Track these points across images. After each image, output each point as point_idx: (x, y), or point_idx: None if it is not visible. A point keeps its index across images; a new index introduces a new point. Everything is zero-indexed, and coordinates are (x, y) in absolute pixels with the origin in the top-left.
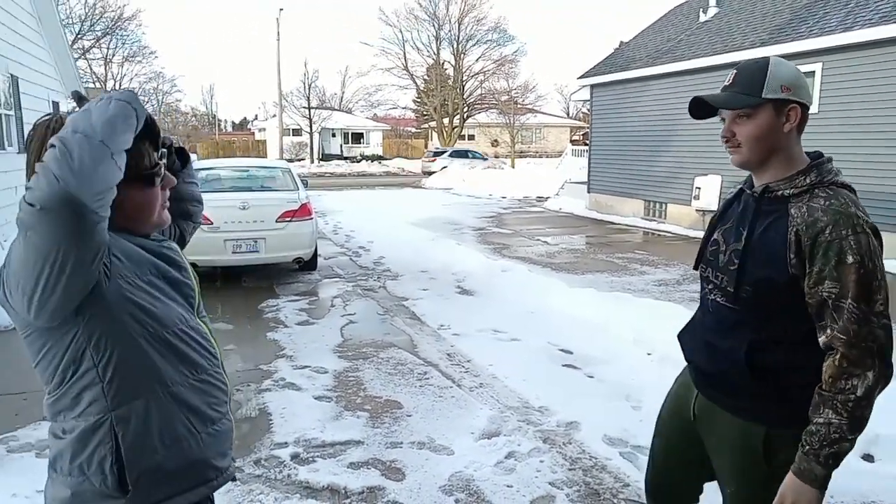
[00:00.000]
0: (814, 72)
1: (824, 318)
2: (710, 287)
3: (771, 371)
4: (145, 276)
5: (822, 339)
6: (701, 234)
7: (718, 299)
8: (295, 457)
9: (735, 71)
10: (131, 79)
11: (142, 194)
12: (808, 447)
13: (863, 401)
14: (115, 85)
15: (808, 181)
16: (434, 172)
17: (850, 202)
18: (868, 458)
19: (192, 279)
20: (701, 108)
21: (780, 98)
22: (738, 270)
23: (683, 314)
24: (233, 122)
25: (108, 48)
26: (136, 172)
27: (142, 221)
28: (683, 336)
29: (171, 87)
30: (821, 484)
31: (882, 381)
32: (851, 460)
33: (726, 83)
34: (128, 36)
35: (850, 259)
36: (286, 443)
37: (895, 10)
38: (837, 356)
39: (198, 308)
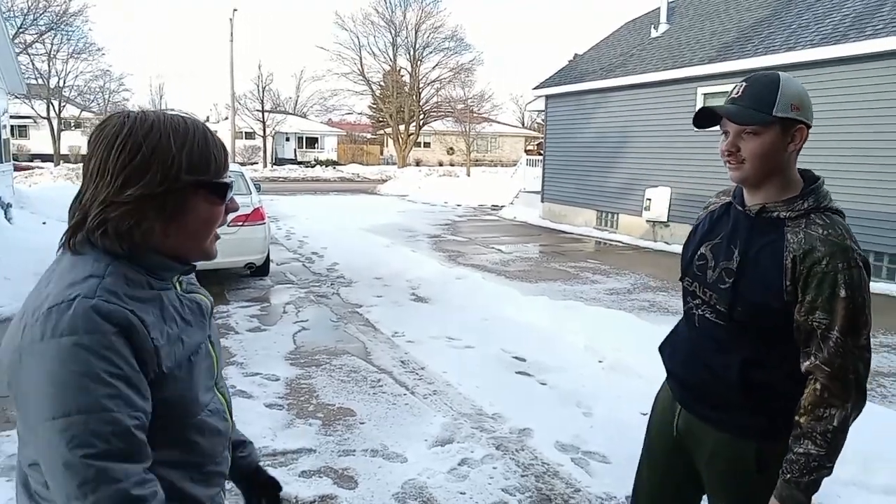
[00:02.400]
0: None
1: (810, 345)
2: (696, 302)
3: (763, 389)
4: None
5: (804, 364)
6: (651, 245)
7: (708, 315)
8: None
9: (745, 83)
10: (76, 76)
11: (208, 207)
12: (789, 475)
13: (840, 431)
14: (59, 82)
15: (805, 206)
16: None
17: (846, 234)
18: None
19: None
20: (704, 117)
21: (790, 117)
22: (731, 291)
23: (634, 323)
24: None
25: (52, 44)
26: (210, 178)
27: (197, 244)
28: (665, 348)
29: (118, 86)
30: None
31: (857, 412)
32: None
33: (735, 95)
34: (73, 32)
35: (842, 293)
36: None
37: (835, 33)
38: (818, 386)
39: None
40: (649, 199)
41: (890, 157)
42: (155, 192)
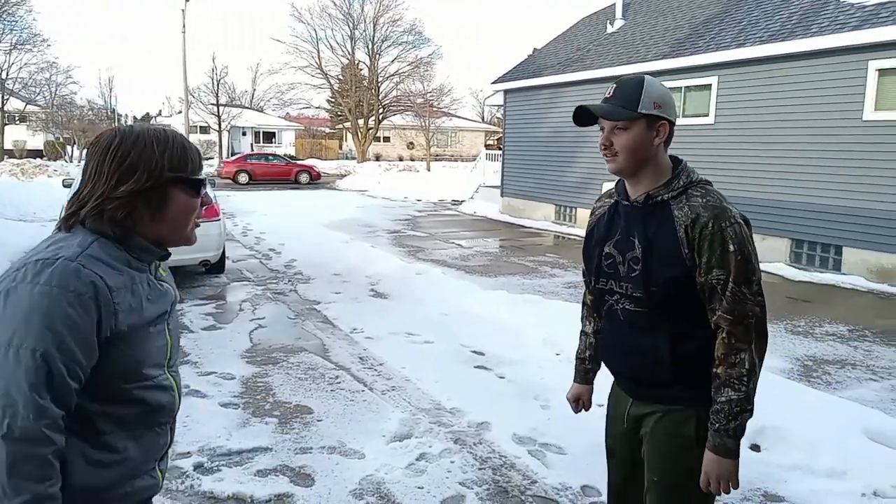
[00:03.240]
0: (710, 84)
1: (713, 301)
2: (615, 298)
3: (692, 359)
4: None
5: (712, 320)
6: None
7: (628, 306)
8: (198, 466)
9: (615, 85)
10: (20, 67)
11: (186, 199)
12: (717, 425)
13: (751, 371)
14: (1, 74)
15: (681, 184)
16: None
17: (721, 198)
18: (755, 447)
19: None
20: (584, 117)
21: (653, 114)
22: (641, 275)
23: None
24: (134, 117)
25: None
26: (187, 175)
27: (178, 230)
28: (604, 353)
29: (65, 79)
30: (735, 454)
31: (761, 351)
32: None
33: (607, 95)
34: (16, 22)
35: (731, 247)
36: (189, 452)
37: (782, 30)
38: (724, 334)
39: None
40: None
41: (835, 151)
42: (143, 188)
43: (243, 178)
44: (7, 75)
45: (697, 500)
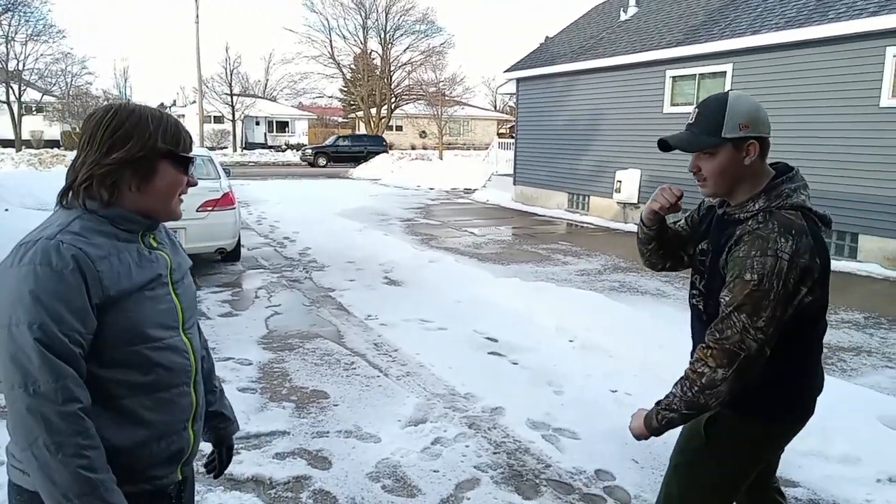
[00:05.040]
0: (725, 72)
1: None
2: (694, 292)
3: None
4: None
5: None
6: (622, 227)
7: (700, 306)
8: None
9: (697, 109)
10: (36, 59)
11: (174, 174)
12: (658, 405)
13: (700, 390)
14: (17, 65)
15: (756, 207)
16: None
17: (780, 228)
18: None
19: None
20: (666, 144)
21: (739, 137)
22: (707, 282)
23: (605, 303)
24: None
25: (9, 25)
26: (178, 151)
27: (163, 203)
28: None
29: (80, 70)
30: (652, 431)
31: (727, 386)
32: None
33: (690, 121)
34: (32, 13)
35: (747, 276)
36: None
37: (798, 16)
38: (704, 346)
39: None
40: (619, 182)
41: (852, 138)
42: (133, 157)
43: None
44: (24, 66)
45: (690, 486)
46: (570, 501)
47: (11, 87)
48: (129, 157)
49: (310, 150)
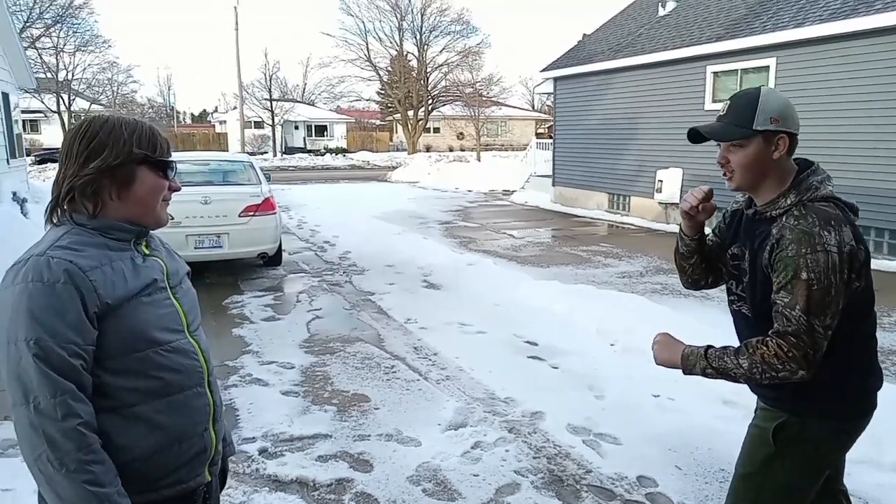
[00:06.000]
0: (768, 66)
1: (776, 322)
2: (732, 298)
3: None
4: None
5: (773, 331)
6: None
7: (744, 311)
8: (263, 451)
9: (729, 101)
10: (84, 69)
11: (153, 178)
12: (707, 357)
13: (774, 380)
14: (67, 75)
15: (788, 202)
16: None
17: (819, 221)
18: None
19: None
20: (696, 135)
21: (770, 129)
22: (748, 286)
23: (646, 305)
24: (192, 114)
25: (58, 37)
26: (155, 156)
27: (147, 209)
28: None
29: (126, 78)
30: (687, 372)
31: (804, 379)
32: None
33: (721, 113)
34: (79, 24)
35: (804, 275)
36: (254, 437)
37: (844, 7)
38: (781, 350)
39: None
40: (661, 181)
41: (892, 132)
42: (111, 165)
43: None
44: (72, 76)
45: (760, 494)
46: None
47: (62, 97)
48: (106, 166)
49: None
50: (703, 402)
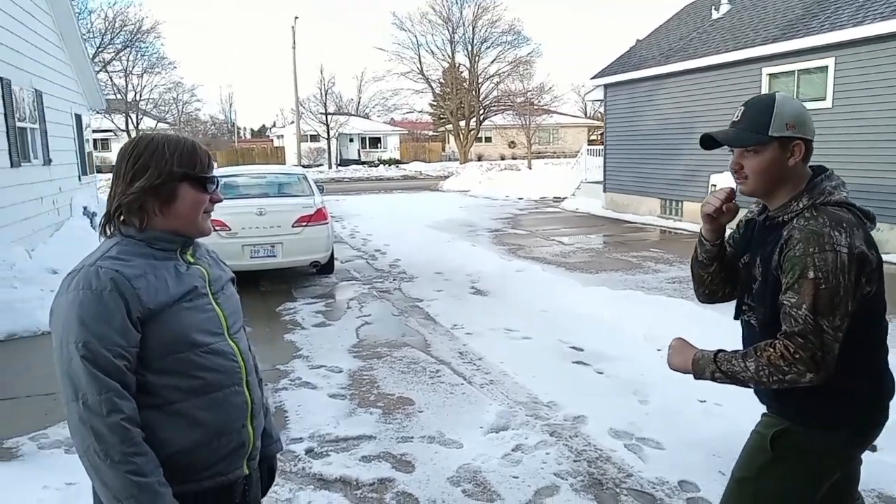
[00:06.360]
0: (826, 66)
1: (783, 323)
2: (744, 308)
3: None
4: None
5: (780, 332)
6: None
7: (752, 321)
8: (309, 451)
9: (743, 107)
10: (151, 89)
11: (194, 194)
12: (716, 361)
13: (783, 383)
14: (135, 96)
15: (800, 206)
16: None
17: (831, 222)
18: (871, 447)
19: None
20: (710, 140)
21: (786, 136)
22: (758, 293)
23: (696, 311)
24: (251, 130)
25: (127, 60)
26: (195, 173)
27: (189, 222)
28: None
29: (190, 97)
30: (698, 377)
31: (814, 382)
32: None
33: (735, 118)
34: (147, 48)
35: (811, 274)
36: (301, 438)
37: None
38: (788, 351)
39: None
40: (714, 185)
41: None
42: (154, 184)
43: None
44: (140, 97)
45: (756, 498)
46: None
47: (130, 117)
48: (150, 185)
49: None
50: (749, 408)
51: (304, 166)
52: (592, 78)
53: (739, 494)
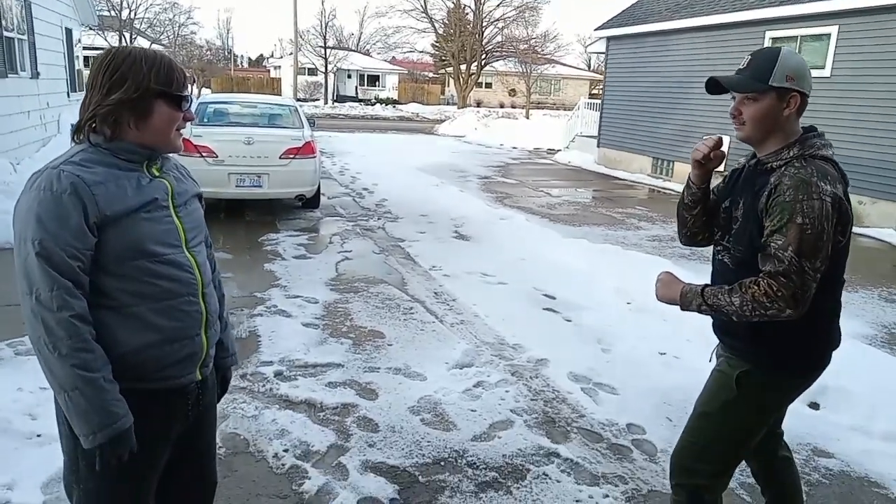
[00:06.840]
0: (829, 34)
1: (766, 264)
2: (719, 248)
3: (764, 322)
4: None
5: (763, 271)
6: None
7: (725, 259)
8: (278, 374)
9: (750, 56)
10: (147, 8)
11: (168, 111)
12: (703, 295)
13: (763, 317)
14: (129, 13)
15: (791, 154)
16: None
17: (818, 173)
18: (814, 405)
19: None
20: (715, 85)
21: (784, 87)
22: (736, 234)
23: (670, 268)
24: (249, 59)
25: None
26: (171, 91)
27: (161, 137)
28: None
29: (186, 19)
30: (683, 308)
31: (791, 318)
32: (798, 406)
33: (741, 66)
34: None
35: (798, 220)
36: (271, 361)
37: None
38: (771, 289)
39: (187, 242)
40: None
41: None
42: (130, 97)
43: None
44: (135, 15)
45: (716, 432)
46: (596, 449)
47: (124, 36)
48: (126, 98)
49: None
50: (706, 363)
51: (299, 100)
52: (596, 29)
53: (703, 427)
